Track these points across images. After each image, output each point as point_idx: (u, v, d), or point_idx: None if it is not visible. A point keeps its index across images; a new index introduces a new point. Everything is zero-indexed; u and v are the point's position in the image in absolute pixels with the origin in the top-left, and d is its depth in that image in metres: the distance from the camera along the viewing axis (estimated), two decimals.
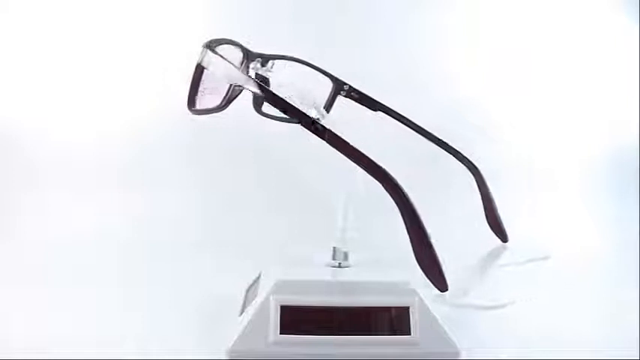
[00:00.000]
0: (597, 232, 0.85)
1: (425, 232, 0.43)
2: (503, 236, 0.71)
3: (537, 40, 1.13)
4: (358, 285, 0.45)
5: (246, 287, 0.51)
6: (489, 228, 0.71)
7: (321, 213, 0.49)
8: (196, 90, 0.46)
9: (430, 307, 0.44)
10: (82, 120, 1.04)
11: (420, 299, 0.44)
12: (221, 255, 0.66)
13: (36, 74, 1.05)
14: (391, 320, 0.44)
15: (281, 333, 0.43)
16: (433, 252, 0.44)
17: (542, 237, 0.76)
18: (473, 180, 0.70)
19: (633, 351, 0.46)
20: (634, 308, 0.54)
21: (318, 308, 0.44)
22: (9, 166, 0.95)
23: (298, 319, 0.44)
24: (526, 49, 1.12)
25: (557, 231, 0.81)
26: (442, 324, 0.45)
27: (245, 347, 0.43)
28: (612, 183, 1.04)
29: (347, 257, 0.48)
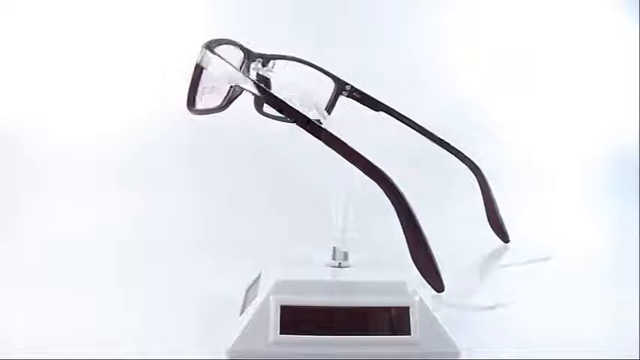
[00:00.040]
0: (597, 232, 0.85)
1: (421, 232, 0.43)
2: (504, 237, 0.71)
3: (537, 40, 1.13)
4: (358, 285, 0.45)
5: (246, 287, 0.51)
6: (491, 229, 0.71)
7: (321, 213, 0.49)
8: (195, 90, 0.46)
9: (430, 307, 0.44)
10: (82, 120, 1.04)
11: (420, 299, 0.44)
12: (221, 255, 0.66)
13: (36, 74, 1.05)
14: (391, 320, 0.44)
15: (281, 333, 0.43)
16: (429, 252, 0.43)
17: (542, 237, 0.76)
18: (475, 180, 0.70)
19: (633, 351, 0.46)
20: (634, 308, 0.54)
21: (318, 308, 0.44)
22: (9, 166, 0.95)
23: (298, 319, 0.44)
24: (526, 49, 1.12)
25: (557, 231, 0.81)
26: (442, 324, 0.44)
27: (245, 347, 0.43)
28: (612, 183, 1.04)
29: (347, 257, 0.48)
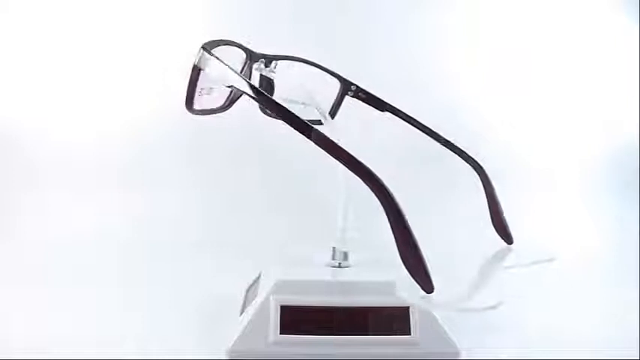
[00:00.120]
0: (597, 232, 0.85)
1: (410, 233, 0.43)
2: (508, 239, 0.70)
3: (537, 40, 1.13)
4: (358, 285, 0.45)
5: (246, 287, 0.51)
6: (495, 230, 0.71)
7: (321, 213, 0.49)
8: (193, 91, 0.46)
9: (430, 307, 0.44)
10: (82, 120, 1.04)
11: (421, 299, 0.44)
12: (221, 255, 0.66)
13: (36, 74, 1.05)
14: (391, 320, 0.44)
15: (281, 333, 0.43)
16: (418, 252, 0.43)
17: (543, 238, 0.76)
18: (478, 180, 0.69)
19: (633, 351, 0.46)
20: (634, 308, 0.54)
21: (318, 308, 0.44)
22: (9, 166, 0.95)
23: (298, 319, 0.44)
24: (526, 49, 1.12)
25: (557, 231, 0.81)
26: (442, 324, 0.44)
27: (245, 347, 0.43)
28: (612, 183, 1.04)
29: (347, 257, 0.48)
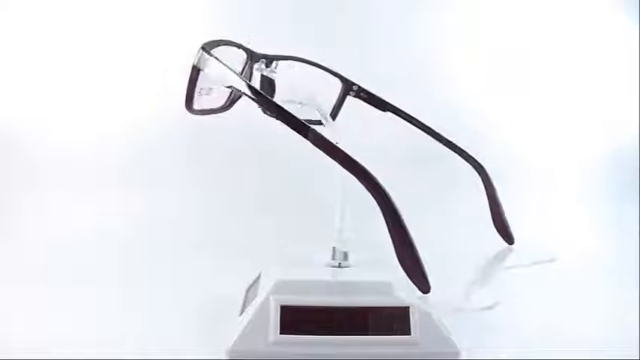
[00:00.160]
0: (597, 232, 0.85)
1: (406, 232, 0.42)
2: (509, 239, 0.70)
3: (537, 40, 1.13)
4: (358, 285, 0.45)
5: (246, 287, 0.51)
6: (496, 230, 0.71)
7: (321, 213, 0.49)
8: (193, 91, 0.46)
9: (430, 307, 0.44)
10: (82, 120, 1.04)
11: (420, 299, 0.44)
12: (221, 255, 0.66)
13: (36, 74, 1.05)
14: (391, 320, 0.44)
15: (281, 333, 0.43)
16: (415, 252, 0.43)
17: (543, 238, 0.76)
18: (479, 180, 0.69)
19: (633, 351, 0.46)
20: (634, 308, 0.54)
21: (318, 308, 0.44)
22: (9, 166, 0.95)
23: (298, 319, 0.44)
24: (526, 50, 1.12)
25: (557, 232, 0.81)
26: (442, 324, 0.45)
27: (245, 347, 0.43)
28: (612, 183, 1.04)
29: (347, 257, 0.48)
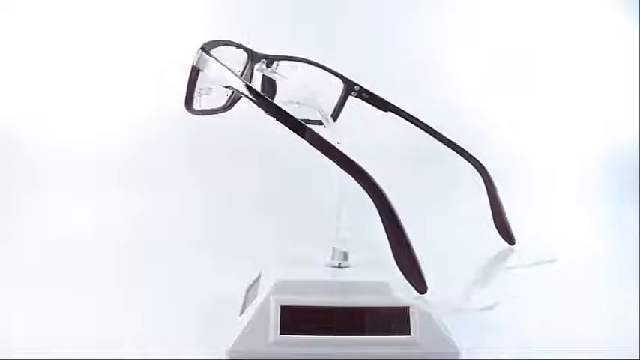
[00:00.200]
0: (597, 232, 0.85)
1: (403, 232, 0.42)
2: (510, 240, 0.70)
3: (537, 40, 1.13)
4: (358, 285, 0.45)
5: (246, 287, 0.51)
6: (497, 231, 0.70)
7: (321, 213, 0.49)
8: (192, 91, 0.46)
9: (430, 307, 0.44)
10: (82, 120, 1.04)
11: (420, 299, 0.44)
12: (221, 255, 0.66)
13: (36, 74, 1.05)
14: (391, 320, 0.44)
15: (281, 333, 0.43)
16: (412, 252, 0.42)
17: (543, 238, 0.76)
18: (480, 180, 0.69)
19: (633, 351, 0.46)
20: (634, 308, 0.54)
21: (318, 308, 0.44)
22: (9, 166, 0.95)
23: (298, 319, 0.44)
24: (526, 50, 1.12)
25: (557, 232, 0.81)
26: (442, 324, 0.45)
27: (245, 347, 0.43)
28: (612, 183, 1.04)
29: (347, 257, 0.48)
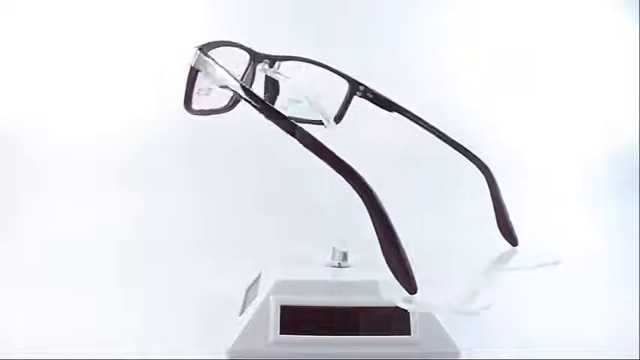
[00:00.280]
0: (597, 233, 0.85)
1: (393, 232, 0.42)
2: (513, 241, 0.70)
3: (537, 40, 1.13)
4: (358, 285, 0.45)
5: (246, 287, 0.51)
6: (500, 232, 0.70)
7: (321, 213, 0.49)
8: (191, 92, 0.46)
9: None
10: (82, 120, 1.04)
11: (420, 299, 0.44)
12: (221, 255, 0.66)
13: (36, 74, 1.05)
14: (391, 320, 0.44)
15: (281, 333, 0.43)
16: (402, 253, 0.42)
17: (544, 238, 0.75)
18: (484, 180, 0.69)
19: (633, 351, 0.46)
20: (634, 308, 0.54)
21: (318, 308, 0.44)
22: (9, 166, 0.95)
23: (298, 319, 0.44)
24: (526, 50, 1.12)
25: (558, 232, 0.81)
26: (442, 324, 0.45)
27: (245, 347, 0.43)
28: (612, 183, 1.04)
29: (346, 257, 0.48)
